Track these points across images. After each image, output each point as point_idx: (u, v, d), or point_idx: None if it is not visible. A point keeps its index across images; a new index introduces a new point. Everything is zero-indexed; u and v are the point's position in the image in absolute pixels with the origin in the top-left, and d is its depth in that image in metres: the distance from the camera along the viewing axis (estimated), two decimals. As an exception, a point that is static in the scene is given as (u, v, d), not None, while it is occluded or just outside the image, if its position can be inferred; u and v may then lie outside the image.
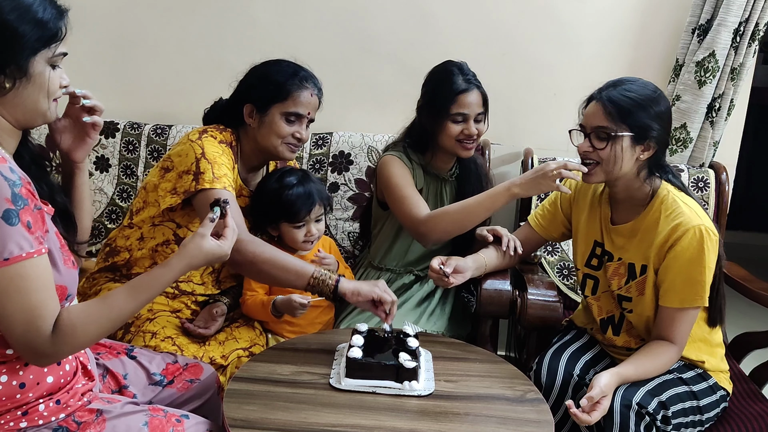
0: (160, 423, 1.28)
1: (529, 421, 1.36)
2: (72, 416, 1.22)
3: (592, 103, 1.63)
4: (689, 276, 1.54)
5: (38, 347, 1.11)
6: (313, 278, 1.58)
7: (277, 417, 1.32)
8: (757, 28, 2.21)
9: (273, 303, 1.82)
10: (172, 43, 2.53)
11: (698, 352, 1.65)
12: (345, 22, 2.46)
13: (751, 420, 1.64)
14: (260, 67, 1.81)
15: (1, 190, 1.06)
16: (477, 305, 1.91)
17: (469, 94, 1.91)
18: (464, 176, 2.07)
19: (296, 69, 1.79)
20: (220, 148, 1.73)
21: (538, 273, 2.03)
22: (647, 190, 1.63)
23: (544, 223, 1.89)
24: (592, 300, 1.76)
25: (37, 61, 1.13)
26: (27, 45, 1.11)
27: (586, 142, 1.62)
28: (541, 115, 2.48)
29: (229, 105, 1.84)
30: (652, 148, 1.58)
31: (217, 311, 1.83)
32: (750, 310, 2.15)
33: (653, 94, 1.59)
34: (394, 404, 1.39)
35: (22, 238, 1.07)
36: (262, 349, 1.80)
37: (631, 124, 1.56)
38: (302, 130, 1.79)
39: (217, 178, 1.65)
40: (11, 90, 1.13)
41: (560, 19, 2.41)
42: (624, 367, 1.51)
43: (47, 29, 1.13)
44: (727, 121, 2.32)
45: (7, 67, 1.11)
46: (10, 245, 1.06)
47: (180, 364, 1.55)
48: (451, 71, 1.93)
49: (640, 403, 1.49)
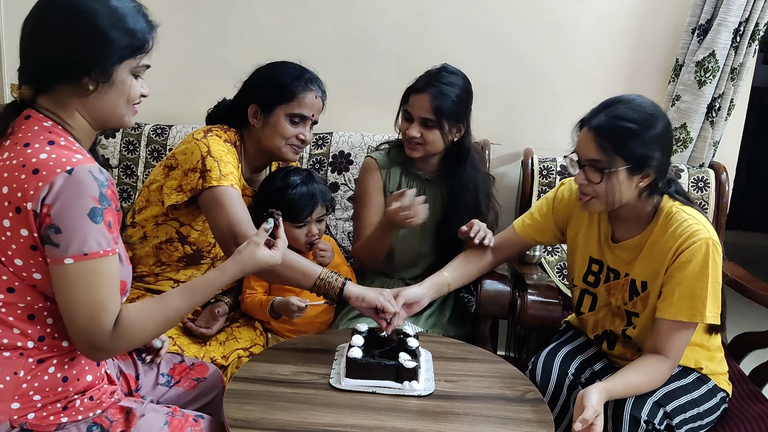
0: (179, 423, 1.31)
1: (529, 421, 1.36)
2: (105, 413, 1.25)
3: (583, 131, 1.52)
4: (690, 289, 1.48)
5: (97, 340, 1.14)
6: (320, 279, 1.58)
7: (277, 417, 1.32)
8: (757, 28, 2.21)
9: (271, 304, 1.82)
10: (173, 43, 2.51)
11: (697, 357, 1.63)
12: (345, 22, 2.47)
13: (751, 421, 1.63)
14: (265, 68, 1.81)
15: (91, 189, 1.10)
16: (477, 305, 1.91)
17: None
18: (450, 178, 1.99)
19: (302, 71, 1.79)
20: (225, 146, 1.73)
21: (537, 273, 2.03)
22: (649, 208, 1.57)
23: (532, 231, 1.82)
24: (589, 315, 1.73)
25: (122, 69, 1.18)
26: (115, 52, 1.16)
27: (581, 174, 1.53)
28: (541, 115, 2.48)
29: (233, 105, 1.84)
30: (652, 175, 1.50)
31: (219, 311, 1.84)
32: (750, 310, 2.15)
33: (649, 116, 1.48)
34: (394, 404, 1.39)
35: (102, 236, 1.12)
36: (262, 349, 1.81)
37: (626, 156, 1.47)
38: (306, 132, 1.79)
39: (224, 176, 1.66)
40: (93, 92, 1.17)
41: (560, 20, 2.41)
42: (613, 383, 1.44)
43: (136, 39, 1.18)
44: (727, 121, 2.32)
45: (92, 70, 1.16)
46: (90, 241, 1.10)
47: (186, 363, 1.56)
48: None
49: (647, 419, 1.47)
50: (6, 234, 1.11)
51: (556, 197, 1.78)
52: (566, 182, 1.79)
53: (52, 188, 1.09)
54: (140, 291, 1.81)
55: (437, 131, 1.87)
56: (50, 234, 1.09)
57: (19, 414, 1.15)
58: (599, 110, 1.52)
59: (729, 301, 1.70)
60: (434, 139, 1.89)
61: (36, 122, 1.17)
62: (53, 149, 1.13)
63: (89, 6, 1.15)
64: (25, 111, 1.19)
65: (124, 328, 1.16)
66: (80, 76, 1.16)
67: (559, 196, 1.78)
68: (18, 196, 1.10)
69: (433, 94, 1.84)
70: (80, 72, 1.15)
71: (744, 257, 2.36)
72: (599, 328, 1.71)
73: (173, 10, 2.49)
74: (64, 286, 1.11)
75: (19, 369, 1.15)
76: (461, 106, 1.90)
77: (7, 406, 1.14)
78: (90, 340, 1.14)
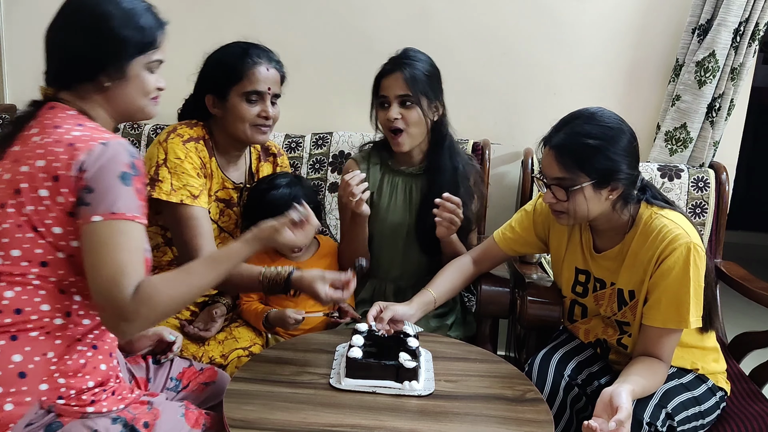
0: (193, 415, 1.33)
1: (529, 421, 1.36)
2: (128, 408, 1.25)
3: (545, 150, 1.51)
4: (675, 296, 1.48)
5: (119, 304, 1.12)
6: (263, 276, 1.58)
7: (277, 417, 1.32)
8: (757, 28, 2.21)
9: (266, 316, 1.82)
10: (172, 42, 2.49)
11: (693, 359, 1.63)
12: (345, 21, 2.47)
13: (750, 420, 1.63)
14: (213, 55, 1.79)
15: (123, 156, 1.16)
16: (477, 305, 1.91)
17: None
18: (434, 168, 1.94)
19: (246, 47, 1.75)
20: (185, 149, 1.69)
21: (537, 273, 2.03)
22: (626, 217, 1.55)
23: (513, 244, 1.82)
24: (580, 324, 1.73)
25: (135, 65, 1.26)
26: (128, 49, 1.24)
27: (548, 193, 1.52)
28: (541, 115, 2.45)
29: (194, 100, 1.81)
30: (620, 187, 1.49)
31: (217, 312, 1.83)
32: (750, 310, 2.15)
33: (611, 130, 1.46)
34: (394, 404, 1.39)
35: (131, 200, 1.15)
36: (262, 349, 1.81)
37: (589, 172, 1.45)
38: (268, 108, 1.74)
39: (175, 191, 1.65)
40: (110, 88, 1.25)
41: (560, 19, 2.41)
42: (633, 384, 1.40)
43: (147, 36, 1.27)
44: (727, 121, 2.32)
45: (107, 68, 1.24)
46: (120, 202, 1.14)
47: (195, 368, 1.56)
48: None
49: (650, 422, 1.46)
50: (44, 203, 1.15)
51: (536, 210, 1.78)
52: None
53: (89, 156, 1.14)
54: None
55: (417, 109, 1.84)
56: (83, 195, 1.14)
57: (48, 396, 1.16)
58: (559, 128, 1.51)
59: (729, 301, 1.70)
60: (416, 119, 1.85)
61: (61, 111, 1.24)
62: (84, 128, 1.20)
63: (103, 9, 1.23)
64: (49, 103, 1.25)
65: (148, 294, 1.14)
66: (97, 74, 1.24)
67: (538, 209, 1.78)
68: (55, 165, 1.15)
69: (404, 71, 1.84)
70: (97, 70, 1.23)
71: (744, 257, 2.37)
72: (591, 336, 1.71)
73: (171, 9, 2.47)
74: (90, 246, 1.13)
75: (47, 350, 1.17)
76: (434, 82, 1.89)
77: (36, 387, 1.15)
78: (112, 304, 1.13)
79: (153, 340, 1.52)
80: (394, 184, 1.99)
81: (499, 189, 2.50)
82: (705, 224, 2.24)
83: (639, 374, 1.46)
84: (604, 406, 1.35)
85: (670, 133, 2.33)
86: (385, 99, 1.87)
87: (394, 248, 1.99)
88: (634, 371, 1.48)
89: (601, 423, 1.29)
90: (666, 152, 2.34)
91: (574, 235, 1.69)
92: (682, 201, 2.23)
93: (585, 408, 1.61)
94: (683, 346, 1.60)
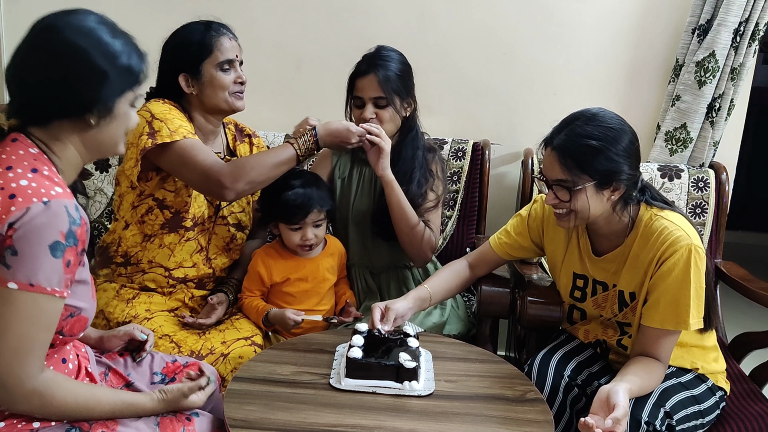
0: (170, 422, 1.29)
1: (529, 421, 1.36)
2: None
3: (547, 151, 1.51)
4: (674, 298, 1.48)
5: (11, 383, 1.09)
6: (294, 140, 1.74)
7: (277, 417, 1.32)
8: (757, 28, 2.21)
9: (266, 315, 1.83)
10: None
11: (692, 358, 1.63)
12: (345, 22, 2.46)
13: (751, 420, 1.63)
14: (172, 39, 1.83)
15: (61, 223, 1.10)
16: (477, 305, 1.91)
17: None
18: (394, 158, 1.91)
19: (207, 23, 1.83)
20: (167, 106, 1.75)
21: (537, 273, 2.03)
22: (626, 219, 1.55)
23: (509, 249, 1.82)
24: (579, 325, 1.73)
25: (122, 102, 1.22)
26: (116, 88, 1.19)
27: (550, 194, 1.53)
28: (541, 115, 2.48)
29: (159, 88, 1.83)
30: (622, 188, 1.49)
31: (215, 299, 1.85)
32: (750, 310, 2.16)
33: (612, 131, 1.46)
34: (394, 404, 1.39)
35: (55, 274, 1.10)
36: (263, 340, 1.81)
37: (591, 173, 1.46)
38: (241, 74, 1.82)
39: (174, 131, 1.68)
40: (95, 127, 1.20)
41: (560, 19, 2.41)
42: (630, 383, 1.40)
43: (133, 74, 1.22)
44: (727, 121, 2.32)
45: (95, 107, 1.18)
46: (40, 274, 1.08)
47: (180, 363, 1.55)
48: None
49: (648, 421, 1.46)
50: None
51: (530, 215, 1.79)
52: (539, 199, 1.79)
53: (24, 215, 1.07)
54: (134, 290, 1.82)
55: (390, 109, 1.91)
56: (6, 255, 1.07)
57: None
58: (560, 128, 1.51)
59: (729, 301, 1.70)
60: (389, 117, 1.92)
61: (22, 147, 1.17)
62: (35, 177, 1.13)
63: (81, 44, 1.15)
64: (12, 134, 1.19)
65: (46, 389, 1.12)
66: (83, 113, 1.18)
67: (533, 214, 1.78)
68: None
69: (378, 73, 1.90)
70: (83, 109, 1.18)
71: (744, 257, 2.37)
72: (591, 336, 1.71)
73: (173, 10, 2.49)
74: (0, 311, 1.08)
75: None
76: (406, 80, 1.95)
77: None
78: (5, 380, 1.09)
79: (124, 340, 1.51)
80: (361, 173, 2.04)
81: (499, 189, 2.50)
82: (705, 224, 2.24)
83: (636, 374, 1.46)
84: (601, 404, 1.35)
85: (670, 133, 2.33)
86: (360, 100, 1.93)
87: (363, 235, 2.03)
88: (631, 370, 1.47)
89: (598, 420, 1.30)
90: (666, 152, 2.35)
91: (570, 240, 1.69)
92: (682, 201, 2.24)
93: (585, 408, 1.60)
94: (683, 345, 1.60)
